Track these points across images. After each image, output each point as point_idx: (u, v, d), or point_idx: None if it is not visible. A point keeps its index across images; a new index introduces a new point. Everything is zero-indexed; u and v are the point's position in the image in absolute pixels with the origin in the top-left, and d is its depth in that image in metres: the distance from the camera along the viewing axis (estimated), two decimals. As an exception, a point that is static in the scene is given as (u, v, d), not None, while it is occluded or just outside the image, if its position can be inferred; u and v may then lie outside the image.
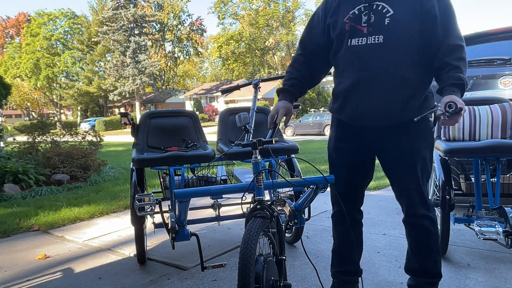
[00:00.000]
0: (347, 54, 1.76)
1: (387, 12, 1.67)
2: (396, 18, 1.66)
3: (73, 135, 7.67)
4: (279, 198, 2.46)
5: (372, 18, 1.70)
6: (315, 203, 2.57)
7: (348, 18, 1.75)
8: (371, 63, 1.70)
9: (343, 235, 1.98)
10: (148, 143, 2.87)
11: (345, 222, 1.94)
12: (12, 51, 43.87)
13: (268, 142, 1.77)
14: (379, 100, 1.71)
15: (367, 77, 1.71)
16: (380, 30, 1.68)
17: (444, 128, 2.72)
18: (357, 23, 1.73)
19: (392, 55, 1.68)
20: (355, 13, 1.73)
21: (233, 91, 3.02)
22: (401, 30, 1.67)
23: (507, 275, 2.31)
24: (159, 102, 41.36)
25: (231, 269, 2.56)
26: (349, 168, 1.90)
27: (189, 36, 44.23)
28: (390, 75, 1.69)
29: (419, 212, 1.80)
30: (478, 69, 3.85)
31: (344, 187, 1.93)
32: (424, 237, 1.83)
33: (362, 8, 1.72)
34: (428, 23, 1.66)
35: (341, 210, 1.94)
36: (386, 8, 1.68)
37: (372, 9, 1.70)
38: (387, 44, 1.67)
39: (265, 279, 1.49)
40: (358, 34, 1.72)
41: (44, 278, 2.61)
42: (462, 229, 3.03)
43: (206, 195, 2.00)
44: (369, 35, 1.70)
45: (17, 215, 4.19)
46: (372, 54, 1.69)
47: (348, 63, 1.77)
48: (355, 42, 1.73)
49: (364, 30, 1.71)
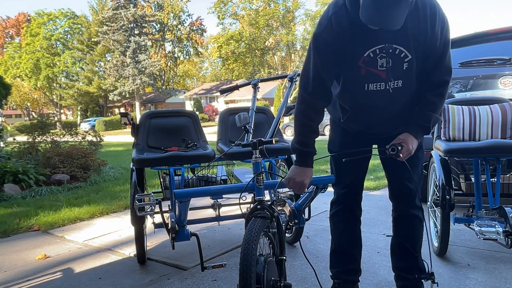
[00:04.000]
0: (363, 97, 1.71)
1: (405, 57, 1.60)
2: (413, 62, 1.62)
3: (73, 135, 7.67)
4: (279, 198, 2.46)
5: (390, 62, 1.61)
6: (315, 203, 2.57)
7: (363, 61, 1.61)
8: (388, 106, 1.72)
9: (345, 233, 2.00)
10: (148, 143, 2.87)
11: (347, 220, 1.99)
12: (12, 51, 43.85)
13: (268, 142, 1.77)
14: (386, 132, 1.81)
15: (381, 117, 1.77)
16: (399, 75, 1.63)
17: (444, 128, 2.72)
18: (373, 67, 1.62)
19: (407, 96, 1.71)
20: (370, 56, 1.60)
21: (232, 91, 3.02)
22: (415, 73, 1.65)
23: (507, 275, 2.31)
24: (159, 102, 41.35)
25: (231, 269, 2.56)
26: (354, 168, 1.93)
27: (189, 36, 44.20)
28: (401, 112, 1.75)
29: (417, 204, 1.90)
30: (478, 69, 3.85)
31: (348, 187, 1.96)
32: (418, 228, 1.92)
33: (377, 51, 1.59)
34: (429, 61, 1.65)
35: (343, 208, 1.98)
36: (404, 53, 1.59)
37: (389, 52, 1.59)
38: (405, 87, 1.67)
39: (265, 279, 1.49)
40: (376, 79, 1.64)
41: (44, 278, 2.61)
42: (462, 229, 3.03)
43: (206, 195, 1.99)
44: (388, 81, 1.64)
45: (17, 215, 4.19)
46: (390, 99, 1.69)
47: (363, 105, 1.75)
48: (373, 87, 1.66)
49: (382, 75, 1.63)
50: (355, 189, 1.98)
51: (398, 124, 1.77)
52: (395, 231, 1.98)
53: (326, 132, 20.76)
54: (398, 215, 1.95)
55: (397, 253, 1.96)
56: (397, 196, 1.94)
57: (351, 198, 1.99)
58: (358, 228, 2.03)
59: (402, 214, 1.93)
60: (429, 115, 1.68)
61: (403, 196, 1.91)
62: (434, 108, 1.69)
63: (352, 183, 1.96)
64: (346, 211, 1.99)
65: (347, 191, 1.97)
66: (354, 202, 2.00)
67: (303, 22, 31.71)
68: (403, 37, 1.57)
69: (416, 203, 1.90)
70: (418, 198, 1.90)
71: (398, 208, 1.95)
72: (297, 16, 32.17)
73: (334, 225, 2.04)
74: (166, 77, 46.98)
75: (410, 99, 1.72)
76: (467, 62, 3.87)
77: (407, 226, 1.92)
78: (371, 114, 1.77)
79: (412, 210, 1.90)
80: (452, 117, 2.68)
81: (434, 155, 2.70)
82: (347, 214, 1.99)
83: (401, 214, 1.93)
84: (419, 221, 1.91)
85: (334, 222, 2.04)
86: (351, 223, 2.01)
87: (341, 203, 2.00)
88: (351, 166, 1.88)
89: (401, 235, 1.94)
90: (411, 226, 1.92)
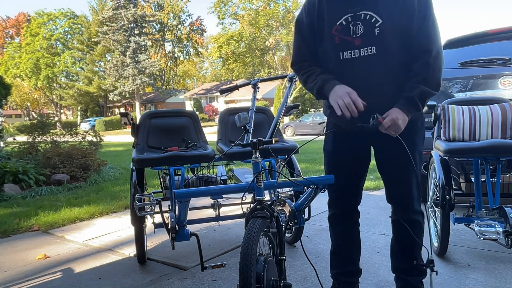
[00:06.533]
0: (339, 67, 1.71)
1: (376, 22, 1.61)
2: (386, 27, 1.60)
3: (73, 135, 7.68)
4: (279, 198, 2.45)
5: (362, 29, 1.62)
6: (315, 203, 2.57)
7: (336, 29, 1.67)
8: (366, 75, 1.67)
9: (342, 235, 1.98)
10: (148, 143, 2.87)
11: (343, 223, 1.96)
12: (12, 51, 43.86)
13: (268, 142, 1.77)
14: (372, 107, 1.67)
15: (362, 89, 1.66)
16: (371, 41, 1.62)
17: (444, 128, 2.72)
18: (346, 35, 1.65)
19: (386, 65, 1.64)
20: (342, 23, 1.65)
21: (232, 91, 3.02)
22: (392, 38, 1.61)
23: (507, 275, 2.31)
24: (159, 102, 41.35)
25: (231, 269, 2.56)
26: (347, 169, 1.89)
27: (189, 36, 44.22)
28: (384, 84, 1.67)
29: (417, 209, 1.84)
30: (478, 69, 3.85)
31: (343, 188, 1.91)
32: (418, 232, 1.86)
33: (349, 18, 1.64)
34: (408, 21, 1.60)
35: (338, 212, 1.95)
36: (375, 18, 1.60)
37: (360, 19, 1.62)
38: (380, 54, 1.63)
39: (265, 279, 1.49)
40: (349, 46, 1.66)
41: (44, 278, 2.61)
42: (462, 229, 3.03)
43: (206, 195, 1.99)
44: (361, 47, 1.64)
45: (17, 215, 4.19)
46: (366, 67, 1.66)
47: (342, 76, 1.71)
48: (348, 55, 1.67)
49: (355, 42, 1.64)
50: (349, 191, 1.92)
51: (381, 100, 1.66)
52: (395, 234, 1.95)
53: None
54: (397, 220, 1.89)
55: (397, 255, 1.94)
56: (394, 201, 1.88)
57: (346, 201, 1.93)
58: (355, 231, 1.99)
59: (401, 219, 1.86)
60: (414, 86, 1.60)
61: (401, 201, 1.85)
62: (421, 79, 1.60)
63: (345, 186, 1.89)
64: (342, 214, 1.95)
65: (340, 194, 1.92)
66: (349, 205, 1.94)
67: (303, 22, 31.66)
68: (371, 0, 1.60)
69: (415, 207, 1.83)
70: (417, 201, 1.83)
71: (397, 213, 1.89)
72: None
73: (331, 227, 2.02)
74: (166, 77, 46.99)
75: (391, 71, 1.65)
76: (467, 62, 3.87)
77: (406, 231, 1.85)
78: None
79: (412, 215, 1.83)
80: (452, 117, 2.69)
81: (434, 155, 2.70)
82: (343, 217, 1.95)
83: (400, 219, 1.86)
84: (418, 225, 1.85)
85: (330, 224, 2.02)
86: (348, 226, 1.97)
87: (336, 206, 1.96)
88: (343, 168, 1.86)
89: (400, 239, 1.91)
90: (410, 231, 1.85)
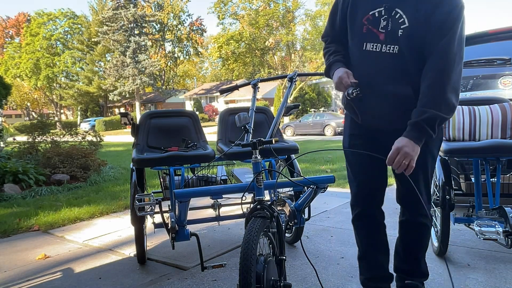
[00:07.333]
0: (360, 57, 1.72)
1: (403, 23, 1.59)
2: (409, 32, 1.58)
3: (73, 135, 7.68)
4: (279, 198, 2.46)
5: (390, 25, 1.62)
6: (315, 203, 2.57)
7: (366, 19, 1.66)
8: (384, 72, 1.66)
9: (368, 239, 1.93)
10: (148, 143, 2.87)
11: (370, 225, 1.91)
12: (12, 51, 43.87)
13: (268, 142, 1.77)
14: (383, 108, 1.70)
15: (377, 85, 1.67)
16: (395, 40, 1.61)
17: (444, 128, 2.72)
18: (375, 26, 1.65)
19: (404, 67, 1.63)
20: (375, 15, 1.64)
21: (232, 91, 3.02)
22: (413, 44, 1.60)
23: (507, 275, 2.31)
24: (159, 102, 41.35)
25: (231, 269, 2.56)
26: (365, 166, 1.85)
27: (189, 36, 44.22)
28: (398, 86, 1.65)
29: (425, 213, 1.81)
30: (478, 69, 3.85)
31: (361, 187, 1.88)
32: (424, 235, 1.85)
33: (382, 11, 1.63)
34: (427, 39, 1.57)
35: (362, 213, 1.90)
36: (403, 19, 1.59)
37: (391, 15, 1.61)
38: (401, 55, 1.62)
39: (265, 279, 1.49)
40: (374, 39, 1.65)
41: (44, 278, 2.61)
42: (462, 229, 3.03)
43: (206, 195, 2.00)
44: (384, 43, 1.63)
45: (17, 215, 4.19)
46: (386, 64, 1.65)
47: (361, 66, 1.72)
48: (370, 47, 1.67)
49: (381, 37, 1.64)
50: (370, 189, 1.87)
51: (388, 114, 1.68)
52: (400, 235, 1.92)
53: (327, 132, 20.79)
54: (404, 221, 1.87)
55: (401, 255, 1.92)
56: (404, 201, 1.86)
57: (367, 199, 1.88)
58: (382, 232, 1.94)
59: (409, 221, 1.85)
60: (422, 111, 1.55)
61: (411, 203, 1.81)
62: (428, 101, 1.55)
63: (365, 182, 1.86)
64: (366, 216, 1.90)
65: (360, 191, 1.88)
66: (372, 204, 1.89)
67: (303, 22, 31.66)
68: (405, 1, 1.59)
69: (425, 211, 1.80)
70: (427, 205, 1.80)
71: (405, 214, 1.87)
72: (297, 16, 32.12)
73: (355, 230, 1.97)
74: (166, 77, 46.99)
75: (406, 79, 1.63)
76: (467, 62, 3.87)
77: (412, 233, 1.84)
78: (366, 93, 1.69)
79: (420, 218, 1.81)
80: (452, 117, 2.68)
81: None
82: (367, 219, 1.90)
83: (408, 221, 1.85)
84: (426, 229, 1.84)
85: (355, 227, 1.97)
86: (373, 228, 1.92)
87: (358, 205, 1.91)
88: (360, 164, 1.84)
89: (405, 240, 1.90)
90: (417, 234, 1.85)
